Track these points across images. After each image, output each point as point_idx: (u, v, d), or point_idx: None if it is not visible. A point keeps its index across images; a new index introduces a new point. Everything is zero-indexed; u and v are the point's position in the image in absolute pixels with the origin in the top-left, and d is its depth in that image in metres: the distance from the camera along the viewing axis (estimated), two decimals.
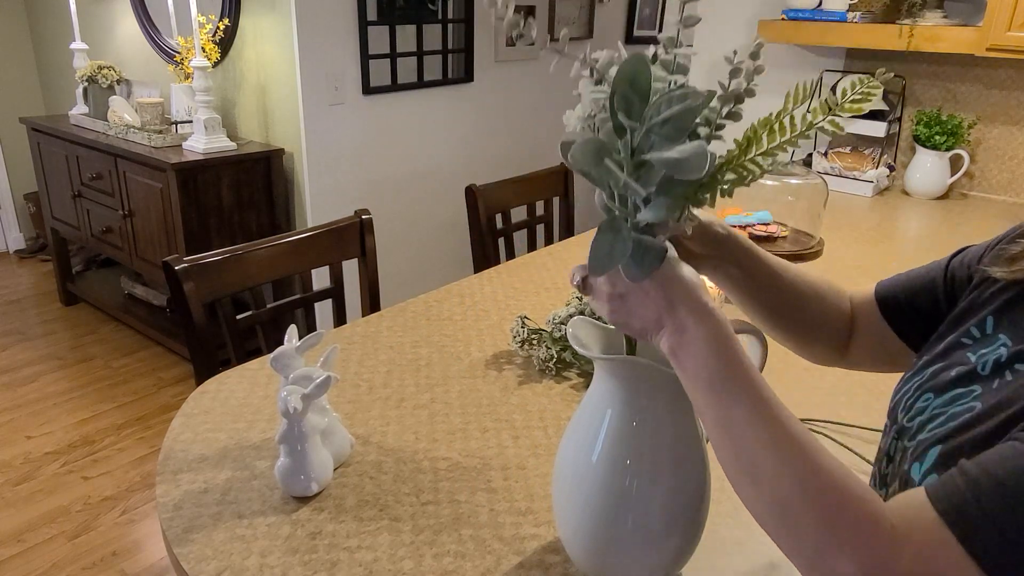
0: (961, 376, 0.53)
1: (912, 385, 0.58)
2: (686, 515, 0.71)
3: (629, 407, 0.69)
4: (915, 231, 2.09)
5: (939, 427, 0.51)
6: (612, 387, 0.70)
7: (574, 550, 0.75)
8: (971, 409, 0.49)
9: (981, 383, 0.51)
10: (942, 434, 0.50)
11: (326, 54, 2.64)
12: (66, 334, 3.28)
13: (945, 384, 0.54)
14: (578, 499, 0.71)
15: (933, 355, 0.58)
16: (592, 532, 0.71)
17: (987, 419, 0.47)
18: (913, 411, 0.55)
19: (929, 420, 0.53)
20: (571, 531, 0.74)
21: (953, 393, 0.52)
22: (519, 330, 1.25)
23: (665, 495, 0.69)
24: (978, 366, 0.52)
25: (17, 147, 4.08)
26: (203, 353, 1.31)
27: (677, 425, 0.70)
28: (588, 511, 0.71)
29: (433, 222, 3.26)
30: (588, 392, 0.73)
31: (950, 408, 0.51)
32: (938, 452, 0.49)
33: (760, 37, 0.58)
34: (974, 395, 0.51)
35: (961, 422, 0.49)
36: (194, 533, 0.83)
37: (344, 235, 1.56)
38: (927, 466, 0.49)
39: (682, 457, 0.70)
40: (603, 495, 0.70)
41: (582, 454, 0.71)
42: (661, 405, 0.69)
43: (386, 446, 1.00)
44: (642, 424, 0.69)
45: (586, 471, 0.70)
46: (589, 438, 0.71)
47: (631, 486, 0.69)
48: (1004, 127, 2.36)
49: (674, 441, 0.70)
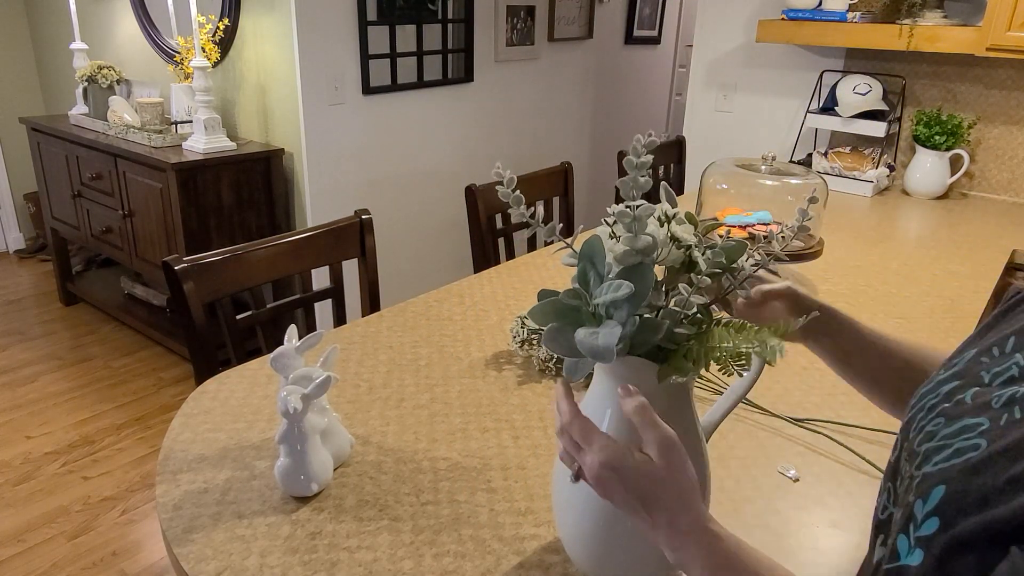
0: (975, 404, 0.52)
1: (926, 404, 0.56)
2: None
3: None
4: (915, 231, 2.09)
5: (944, 462, 0.50)
6: (612, 387, 0.69)
7: (574, 550, 0.75)
8: (976, 448, 0.48)
9: (990, 415, 0.50)
10: (947, 473, 0.49)
11: (326, 54, 2.64)
12: (66, 334, 3.28)
13: (957, 411, 0.53)
14: (578, 499, 0.71)
15: (951, 372, 0.57)
16: (592, 532, 0.71)
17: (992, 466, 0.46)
18: (923, 435, 0.54)
19: (936, 451, 0.51)
20: (571, 531, 0.74)
21: (962, 424, 0.51)
22: (519, 330, 1.25)
23: None
24: (993, 398, 0.51)
25: (17, 147, 4.08)
26: (203, 353, 1.31)
27: (677, 424, 0.69)
28: (588, 511, 0.71)
29: (433, 222, 3.26)
30: (588, 392, 0.73)
31: (955, 441, 0.50)
32: (942, 494, 0.48)
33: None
34: (980, 430, 0.49)
35: (966, 462, 0.48)
36: (194, 533, 0.83)
37: (344, 235, 1.56)
38: (929, 508, 0.48)
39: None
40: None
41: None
42: (661, 404, 0.68)
43: (386, 446, 1.00)
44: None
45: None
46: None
47: None
48: (1004, 127, 2.36)
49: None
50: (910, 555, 0.48)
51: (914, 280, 1.67)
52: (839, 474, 0.97)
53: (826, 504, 0.91)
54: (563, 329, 0.64)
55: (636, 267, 0.62)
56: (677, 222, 0.67)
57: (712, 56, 2.89)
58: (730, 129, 2.91)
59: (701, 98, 2.96)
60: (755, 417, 1.10)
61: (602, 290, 0.62)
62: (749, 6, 2.73)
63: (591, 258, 0.64)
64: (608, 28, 4.15)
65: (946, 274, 1.71)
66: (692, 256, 0.66)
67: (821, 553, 0.83)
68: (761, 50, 2.75)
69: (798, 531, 0.87)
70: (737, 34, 2.79)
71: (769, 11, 2.66)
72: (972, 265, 1.77)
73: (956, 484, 0.47)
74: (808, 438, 1.05)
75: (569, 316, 0.65)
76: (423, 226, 3.23)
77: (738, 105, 2.86)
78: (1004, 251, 1.89)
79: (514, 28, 3.36)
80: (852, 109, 2.40)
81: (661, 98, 4.99)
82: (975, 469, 0.47)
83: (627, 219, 0.61)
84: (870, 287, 1.62)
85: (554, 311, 0.65)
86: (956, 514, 0.46)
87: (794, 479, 0.96)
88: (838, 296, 1.56)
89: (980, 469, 0.46)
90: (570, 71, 3.78)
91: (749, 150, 2.85)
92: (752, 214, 1.61)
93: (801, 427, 1.08)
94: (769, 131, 2.80)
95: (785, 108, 2.74)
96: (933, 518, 0.48)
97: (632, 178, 0.62)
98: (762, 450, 1.02)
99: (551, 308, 0.65)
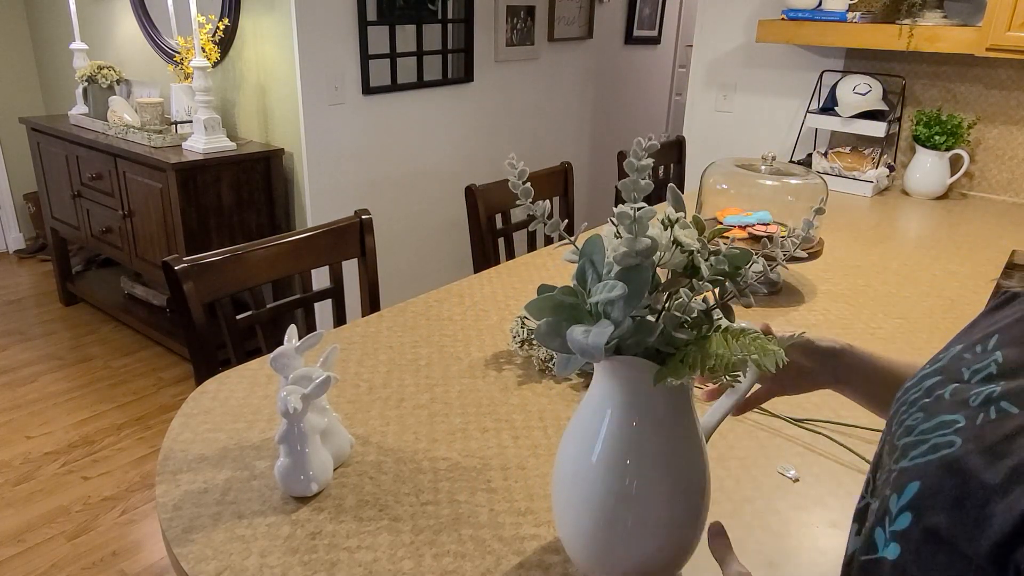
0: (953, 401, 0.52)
1: (909, 398, 0.57)
2: (686, 515, 0.71)
3: (629, 407, 0.69)
4: (915, 231, 2.09)
5: (920, 457, 0.50)
6: (612, 387, 0.70)
7: (573, 550, 0.75)
8: (951, 444, 0.49)
9: (966, 413, 0.50)
10: (922, 470, 0.50)
11: (326, 54, 2.64)
12: (66, 334, 3.28)
13: (936, 407, 0.53)
14: (577, 499, 0.71)
15: (935, 367, 0.58)
16: (592, 532, 0.71)
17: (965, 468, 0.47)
18: (903, 429, 0.55)
19: (913, 445, 0.52)
20: (570, 531, 0.74)
21: (939, 420, 0.52)
22: (519, 330, 1.25)
23: (665, 495, 0.70)
24: (971, 396, 0.51)
25: (17, 147, 4.08)
26: (203, 353, 1.31)
27: (677, 425, 0.70)
28: (588, 511, 0.71)
29: (433, 222, 3.26)
30: (588, 392, 0.74)
31: (932, 437, 0.51)
32: (915, 491, 0.49)
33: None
34: (956, 427, 0.50)
35: (940, 459, 0.49)
36: (194, 533, 0.83)
37: (344, 235, 1.56)
38: (903, 503, 0.50)
39: (682, 457, 0.70)
40: (603, 495, 0.70)
41: (582, 454, 0.71)
42: (661, 405, 0.69)
43: (386, 446, 1.00)
44: (642, 424, 0.69)
45: (586, 471, 0.71)
46: (589, 438, 0.71)
47: (631, 486, 0.69)
48: (1004, 127, 2.36)
49: (674, 440, 0.70)
50: (887, 548, 0.49)
51: (914, 280, 1.67)
52: (839, 474, 0.97)
53: (826, 504, 0.91)
54: (557, 325, 0.64)
55: (634, 268, 0.62)
56: (681, 226, 0.66)
57: (712, 56, 2.89)
58: (730, 129, 2.91)
59: (701, 98, 2.96)
60: (755, 417, 1.10)
61: (598, 289, 0.63)
62: (749, 6, 2.73)
63: (591, 256, 0.65)
64: (608, 28, 4.15)
65: (946, 274, 1.71)
66: (695, 261, 0.66)
67: (821, 553, 0.83)
68: (761, 50, 2.75)
69: (798, 531, 0.87)
70: (737, 34, 2.79)
71: (769, 11, 2.67)
72: (972, 265, 1.77)
73: (930, 481, 0.48)
74: (808, 438, 1.05)
75: (565, 312, 0.65)
76: (423, 226, 3.23)
77: (738, 105, 2.86)
78: (1004, 251, 1.89)
79: (514, 28, 3.36)
80: (852, 109, 2.40)
81: (661, 98, 4.99)
82: (949, 468, 0.48)
83: (627, 221, 0.61)
84: (870, 287, 1.62)
85: (551, 307, 0.65)
86: (928, 511, 0.47)
87: (794, 479, 0.96)
88: (838, 296, 1.56)
89: (954, 469, 0.47)
90: (570, 71, 3.78)
91: (749, 150, 2.85)
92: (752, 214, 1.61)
93: (801, 427, 1.08)
94: (769, 131, 2.80)
95: (785, 108, 2.74)
96: (906, 513, 0.49)
97: (633, 181, 0.62)
98: (762, 450, 1.02)
99: (548, 303, 0.65)
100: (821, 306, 1.51)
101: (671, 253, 0.65)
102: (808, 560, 0.82)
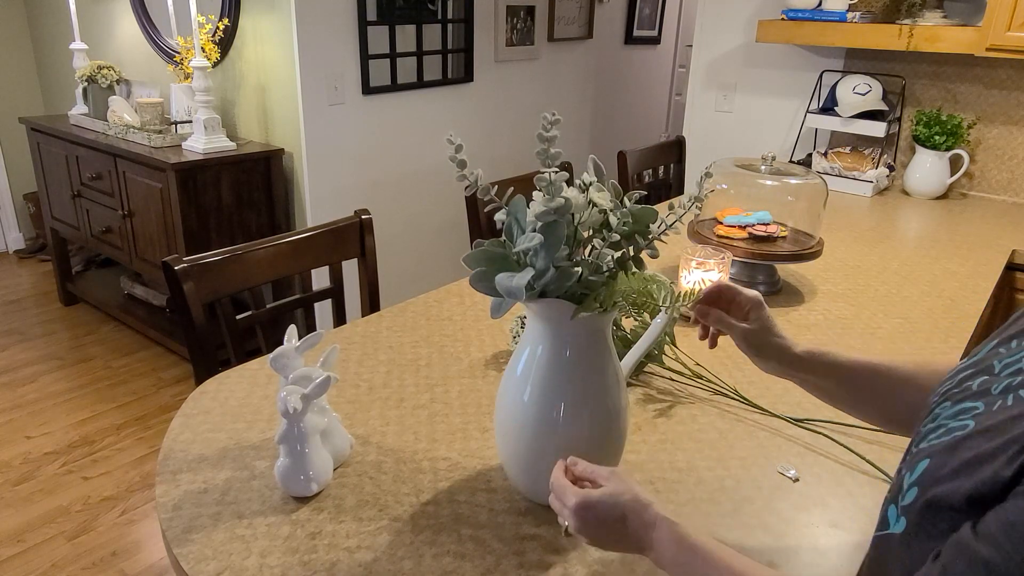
0: (978, 390, 0.54)
1: (942, 390, 0.59)
2: (606, 439, 0.85)
3: (554, 341, 0.81)
4: (915, 231, 2.09)
5: (936, 439, 0.52)
6: (540, 328, 0.82)
7: (512, 472, 0.88)
8: (964, 427, 0.51)
9: (986, 400, 0.52)
10: (933, 449, 0.51)
11: (326, 54, 2.64)
12: (66, 334, 3.28)
13: (961, 395, 0.55)
14: (513, 427, 0.84)
15: (972, 361, 0.59)
16: (526, 455, 0.84)
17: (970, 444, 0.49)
18: (930, 416, 0.57)
19: (932, 431, 0.54)
20: (509, 454, 0.87)
21: (961, 407, 0.54)
22: (519, 330, 1.25)
23: (586, 418, 0.83)
24: (994, 385, 0.53)
25: (17, 147, 4.08)
26: (203, 353, 1.31)
27: (596, 357, 0.82)
28: (523, 439, 0.84)
29: (433, 222, 3.26)
30: (522, 337, 0.86)
31: (950, 423, 0.53)
32: (924, 467, 0.51)
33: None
34: (974, 413, 0.51)
35: (951, 439, 0.51)
36: (194, 533, 0.83)
37: (344, 235, 1.56)
38: (912, 479, 0.52)
39: (600, 385, 0.83)
40: (535, 421, 0.82)
41: (516, 388, 0.84)
42: (583, 340, 0.81)
43: (386, 446, 1.00)
44: (565, 357, 0.81)
45: (520, 401, 0.83)
46: (523, 373, 0.84)
47: (557, 412, 0.82)
48: (1004, 127, 2.36)
49: (594, 372, 0.82)
50: (897, 523, 0.52)
51: (914, 280, 1.67)
52: (839, 474, 0.97)
53: (826, 504, 0.91)
54: (488, 272, 0.77)
55: (551, 224, 0.73)
56: (596, 189, 0.78)
57: (712, 56, 2.89)
58: (730, 129, 2.91)
59: (701, 98, 2.96)
60: (755, 417, 1.10)
61: (520, 240, 0.75)
62: (749, 6, 2.73)
63: (516, 215, 0.77)
64: (608, 28, 4.15)
65: (946, 274, 1.71)
66: (609, 219, 0.78)
67: (821, 553, 0.83)
68: (761, 50, 2.75)
69: (798, 531, 0.87)
70: (737, 34, 2.79)
71: (769, 11, 2.67)
72: (972, 265, 1.77)
73: (937, 458, 0.50)
74: (808, 438, 1.05)
75: (497, 262, 0.78)
76: (423, 226, 3.23)
77: (738, 105, 2.86)
78: (1004, 251, 1.89)
79: (514, 28, 3.36)
80: (852, 109, 2.40)
81: (661, 98, 4.99)
82: (955, 446, 0.50)
83: (544, 183, 0.73)
84: (870, 287, 1.62)
85: (485, 257, 0.77)
86: (932, 484, 0.49)
87: (794, 479, 0.96)
88: (838, 296, 1.56)
89: (959, 446, 0.49)
90: (570, 71, 3.78)
91: (749, 150, 2.85)
92: (752, 214, 1.61)
93: (801, 427, 1.08)
94: (769, 131, 2.80)
95: (785, 108, 2.74)
96: (914, 488, 0.51)
97: (543, 150, 0.73)
98: (762, 450, 1.02)
99: (482, 255, 0.77)
100: (821, 306, 1.51)
101: (588, 212, 0.77)
102: (808, 560, 0.82)
